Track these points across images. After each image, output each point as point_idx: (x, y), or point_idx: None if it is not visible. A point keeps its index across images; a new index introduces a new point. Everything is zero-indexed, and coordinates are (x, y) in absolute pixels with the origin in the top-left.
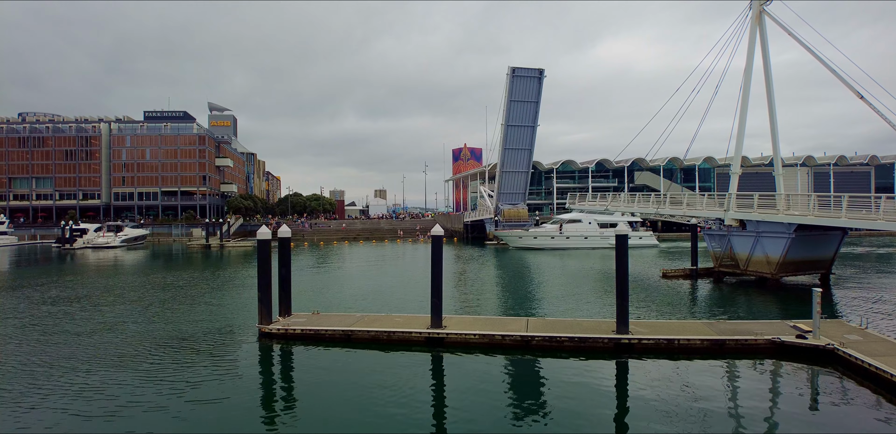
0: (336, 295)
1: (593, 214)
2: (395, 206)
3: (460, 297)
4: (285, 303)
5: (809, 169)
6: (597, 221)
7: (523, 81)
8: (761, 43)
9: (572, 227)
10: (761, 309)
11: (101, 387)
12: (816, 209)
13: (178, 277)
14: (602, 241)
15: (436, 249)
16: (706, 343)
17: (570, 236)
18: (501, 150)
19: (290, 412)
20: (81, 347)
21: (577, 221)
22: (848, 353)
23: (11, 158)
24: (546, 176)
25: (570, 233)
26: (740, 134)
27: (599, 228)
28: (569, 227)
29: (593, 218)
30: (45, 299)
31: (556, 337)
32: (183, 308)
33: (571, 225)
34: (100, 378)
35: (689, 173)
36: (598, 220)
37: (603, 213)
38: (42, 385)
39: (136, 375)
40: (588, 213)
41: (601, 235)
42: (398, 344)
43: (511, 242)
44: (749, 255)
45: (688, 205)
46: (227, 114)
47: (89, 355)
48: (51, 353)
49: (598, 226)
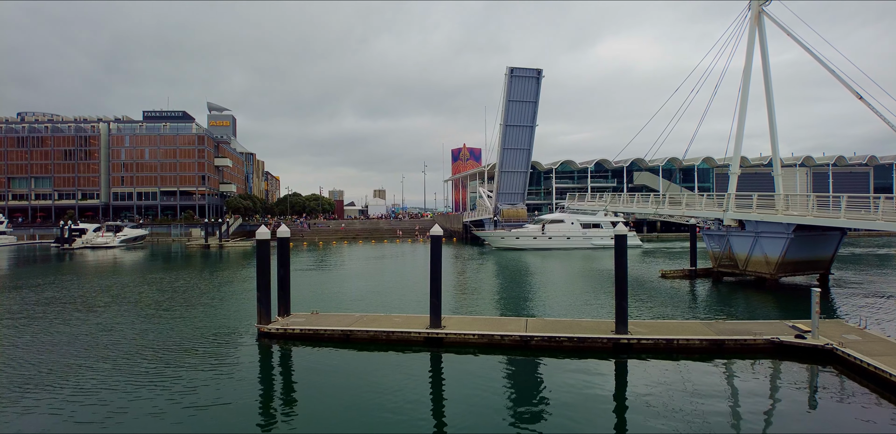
0: (335, 295)
1: (576, 215)
2: (395, 207)
3: (459, 297)
4: (284, 303)
5: (808, 169)
6: (579, 222)
7: (521, 81)
8: (760, 43)
9: (555, 227)
10: (760, 309)
11: (98, 387)
12: (815, 209)
13: (177, 277)
14: (585, 242)
15: (435, 249)
16: (705, 343)
17: (552, 237)
18: (500, 150)
19: (288, 412)
20: (78, 348)
21: (559, 222)
22: (847, 352)
23: (10, 158)
24: (545, 176)
25: (552, 233)
26: (739, 134)
27: (582, 229)
28: (551, 227)
29: (576, 218)
30: (43, 299)
31: (556, 337)
32: (182, 308)
33: (554, 225)
34: (97, 378)
35: (688, 173)
36: (581, 220)
37: (606, 212)
38: (40, 385)
39: (134, 375)
40: (571, 214)
41: (584, 236)
42: (397, 344)
43: (493, 243)
44: (748, 255)
45: (687, 205)
46: (226, 114)
47: (87, 356)
48: (49, 352)
49: (580, 226)
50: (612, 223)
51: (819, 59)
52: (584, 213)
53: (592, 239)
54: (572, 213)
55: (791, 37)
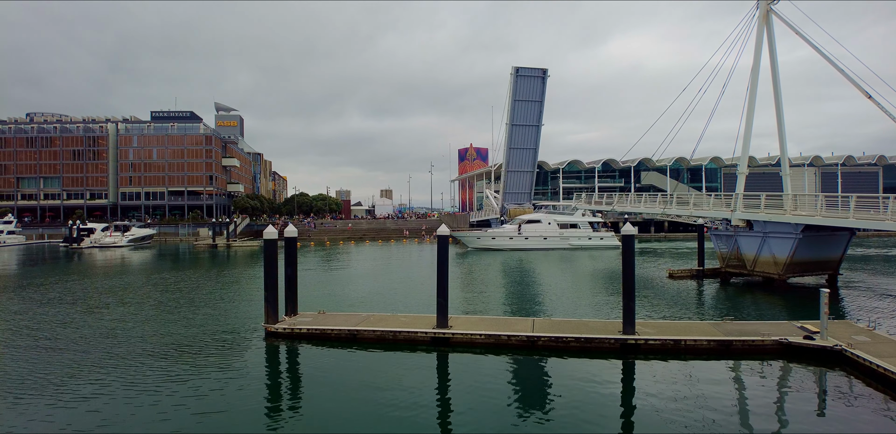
0: (342, 294)
1: (553, 215)
2: (401, 206)
3: (465, 296)
4: (291, 302)
5: (817, 169)
6: (557, 222)
7: (527, 81)
8: (768, 42)
9: (531, 227)
10: (768, 310)
11: (107, 386)
12: (824, 209)
13: (185, 277)
14: (562, 242)
15: (441, 249)
16: (713, 344)
17: (528, 237)
18: (506, 149)
19: (295, 411)
20: (87, 346)
21: (536, 222)
22: (856, 354)
23: (20, 158)
24: (552, 176)
25: (529, 233)
26: (747, 134)
27: (560, 229)
28: (528, 227)
29: (553, 218)
30: (51, 299)
31: (562, 337)
32: (189, 307)
33: (531, 225)
34: (106, 376)
35: (695, 173)
36: (558, 220)
37: (584, 212)
38: (48, 383)
39: (142, 373)
40: (548, 213)
41: (560, 236)
42: (404, 344)
43: (469, 243)
44: (756, 255)
45: (694, 205)
46: (233, 114)
47: (96, 355)
48: (60, 350)
49: (557, 226)
50: (589, 223)
51: (828, 57)
52: (560, 213)
53: (570, 239)
54: (549, 213)
55: (799, 35)
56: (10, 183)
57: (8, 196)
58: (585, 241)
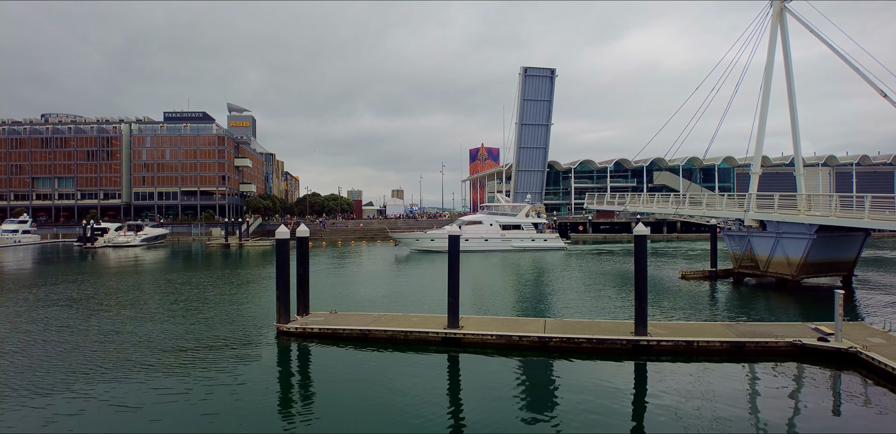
0: (353, 294)
1: (495, 216)
2: (412, 206)
3: (476, 296)
4: (303, 302)
5: (831, 169)
6: (499, 223)
7: (535, 81)
8: (782, 40)
9: (472, 228)
10: (782, 311)
11: (120, 383)
12: (838, 210)
13: (198, 276)
14: (504, 244)
15: (452, 249)
16: (726, 345)
17: (469, 238)
18: (516, 148)
19: (307, 411)
20: (101, 345)
21: (477, 223)
22: (871, 356)
23: (34, 158)
24: (564, 176)
25: (469, 235)
26: (760, 133)
27: (502, 230)
28: (468, 228)
29: (495, 219)
30: (63, 298)
31: (574, 338)
32: (202, 306)
33: (471, 226)
34: (119, 375)
35: (708, 173)
36: (501, 221)
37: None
38: (61, 382)
39: (154, 372)
40: (490, 214)
41: (502, 238)
42: (415, 344)
43: (408, 244)
44: (769, 256)
45: (707, 205)
46: (245, 114)
47: (109, 354)
48: (72, 349)
49: (500, 227)
50: (534, 225)
51: (842, 55)
52: (503, 214)
53: (512, 241)
54: (491, 214)
55: (813, 33)
56: (25, 183)
57: (23, 196)
58: (528, 242)
